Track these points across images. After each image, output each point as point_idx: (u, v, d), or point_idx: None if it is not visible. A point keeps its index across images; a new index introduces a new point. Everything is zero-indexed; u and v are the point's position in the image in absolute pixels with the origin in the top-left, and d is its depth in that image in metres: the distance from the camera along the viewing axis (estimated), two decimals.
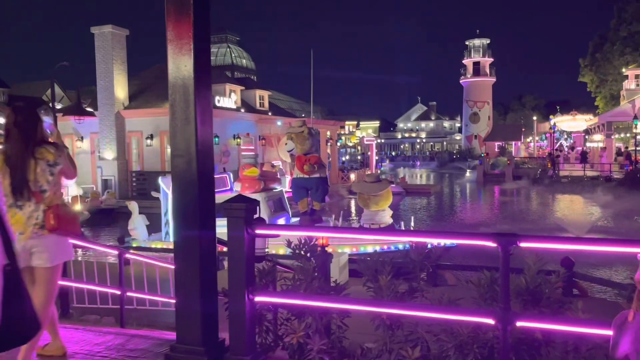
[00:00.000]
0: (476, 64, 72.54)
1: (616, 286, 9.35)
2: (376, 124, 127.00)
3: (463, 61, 73.65)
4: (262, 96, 34.55)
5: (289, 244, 4.21)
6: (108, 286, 6.21)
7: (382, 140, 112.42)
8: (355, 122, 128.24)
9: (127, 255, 6.16)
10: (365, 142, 36.47)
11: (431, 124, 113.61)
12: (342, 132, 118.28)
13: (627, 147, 42.24)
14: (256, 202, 3.75)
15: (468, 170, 51.84)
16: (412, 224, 12.54)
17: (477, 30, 72.31)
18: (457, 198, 31.30)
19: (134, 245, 12.45)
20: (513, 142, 67.25)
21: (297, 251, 4.15)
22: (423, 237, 4.01)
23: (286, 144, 12.60)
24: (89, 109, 27.05)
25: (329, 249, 11.04)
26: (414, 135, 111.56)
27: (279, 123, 31.33)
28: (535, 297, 3.42)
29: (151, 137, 27.07)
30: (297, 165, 11.97)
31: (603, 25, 59.61)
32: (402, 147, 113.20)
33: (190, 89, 3.53)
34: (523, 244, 3.19)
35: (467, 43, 73.39)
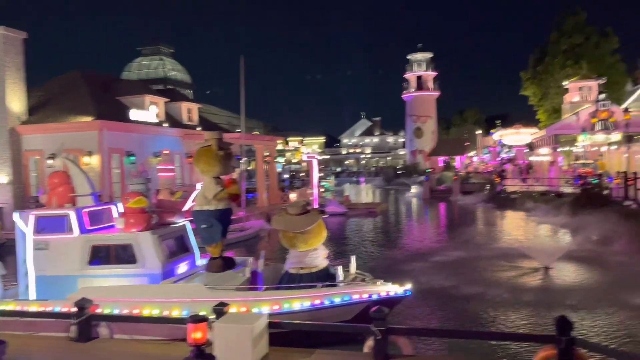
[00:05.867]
0: (419, 78, 71.92)
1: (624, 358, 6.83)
2: (321, 139, 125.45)
3: (405, 75, 72.87)
4: (190, 109, 31.17)
5: None
6: None
7: (328, 156, 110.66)
8: (300, 138, 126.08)
9: None
10: (306, 159, 33.68)
11: (375, 139, 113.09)
12: (287, 149, 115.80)
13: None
14: None
15: (413, 187, 50.12)
16: (353, 264, 9.66)
17: (420, 45, 71.78)
18: (405, 219, 28.94)
19: None
20: (457, 157, 66.63)
21: None
22: None
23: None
24: None
25: (236, 309, 7.93)
26: (358, 150, 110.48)
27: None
28: None
29: (53, 156, 23.16)
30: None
31: (543, 38, 60.12)
32: (347, 162, 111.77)
33: None
34: None
35: (409, 57, 72.74)
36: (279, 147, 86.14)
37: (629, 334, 8.83)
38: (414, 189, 48.12)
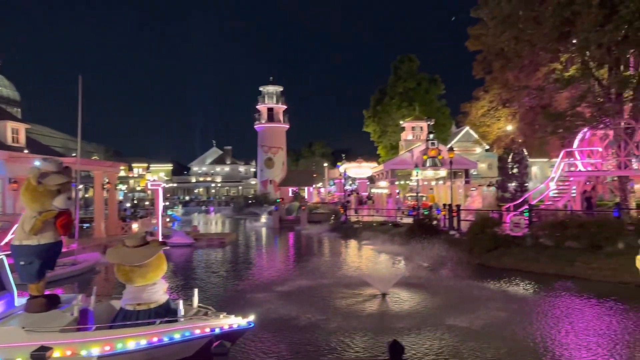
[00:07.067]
0: (270, 110, 73.44)
1: None
2: (169, 167, 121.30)
3: (257, 107, 73.97)
4: (16, 129, 27.97)
5: None
6: None
7: (175, 185, 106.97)
8: (145, 165, 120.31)
9: None
10: (151, 187, 32.14)
11: (227, 169, 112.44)
12: (131, 176, 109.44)
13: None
14: None
15: (263, 216, 50.52)
16: (196, 298, 9.31)
17: (271, 77, 73.51)
18: (254, 248, 28.88)
19: None
20: (306, 188, 68.86)
21: None
22: None
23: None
24: None
25: (61, 353, 7.12)
26: (209, 179, 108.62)
27: (37, 163, 25.35)
28: None
29: None
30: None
31: (383, 80, 65.47)
32: (196, 191, 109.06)
33: None
34: None
35: (261, 89, 74.06)
36: (122, 173, 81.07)
37: (455, 353, 9.68)
38: (264, 219, 48.48)
